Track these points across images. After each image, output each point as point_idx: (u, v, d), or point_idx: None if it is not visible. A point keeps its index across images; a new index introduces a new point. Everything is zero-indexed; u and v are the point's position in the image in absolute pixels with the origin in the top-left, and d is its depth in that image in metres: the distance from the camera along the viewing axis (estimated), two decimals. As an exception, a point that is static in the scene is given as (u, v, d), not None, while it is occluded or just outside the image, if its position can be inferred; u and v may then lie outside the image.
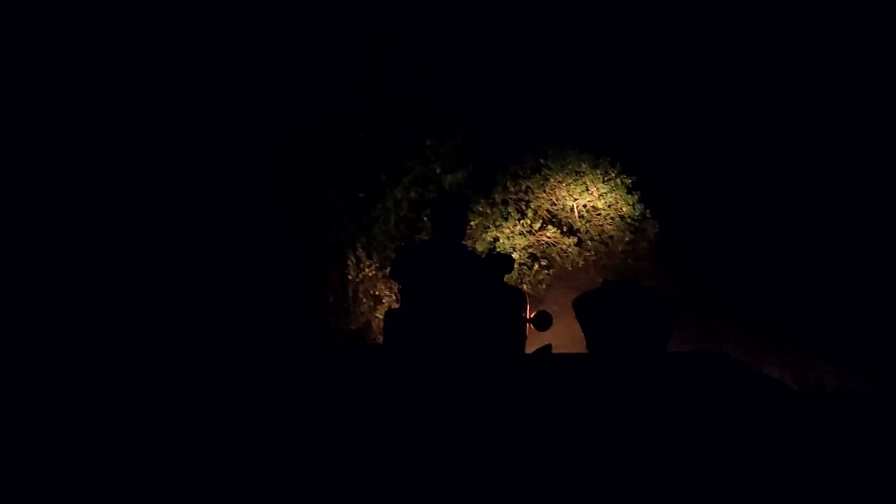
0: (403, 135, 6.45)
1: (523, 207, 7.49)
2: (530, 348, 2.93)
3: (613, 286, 1.61)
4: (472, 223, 6.87)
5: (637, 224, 7.18)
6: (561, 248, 7.31)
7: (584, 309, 1.56)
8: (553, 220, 7.54)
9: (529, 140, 7.51)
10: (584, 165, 7.21)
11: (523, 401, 2.12)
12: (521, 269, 7.04)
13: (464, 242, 2.92)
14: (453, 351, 2.47)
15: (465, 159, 6.75)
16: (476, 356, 2.50)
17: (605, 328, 1.47)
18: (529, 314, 3.01)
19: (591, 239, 7.42)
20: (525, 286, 6.99)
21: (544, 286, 7.23)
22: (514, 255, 6.87)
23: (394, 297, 6.35)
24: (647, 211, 7.12)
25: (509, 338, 2.83)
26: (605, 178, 7.16)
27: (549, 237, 7.29)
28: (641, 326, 1.43)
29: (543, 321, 2.94)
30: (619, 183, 7.08)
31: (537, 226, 7.37)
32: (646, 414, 1.37)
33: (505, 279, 3.03)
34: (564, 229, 7.46)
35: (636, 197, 7.08)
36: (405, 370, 2.47)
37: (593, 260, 7.44)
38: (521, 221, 7.28)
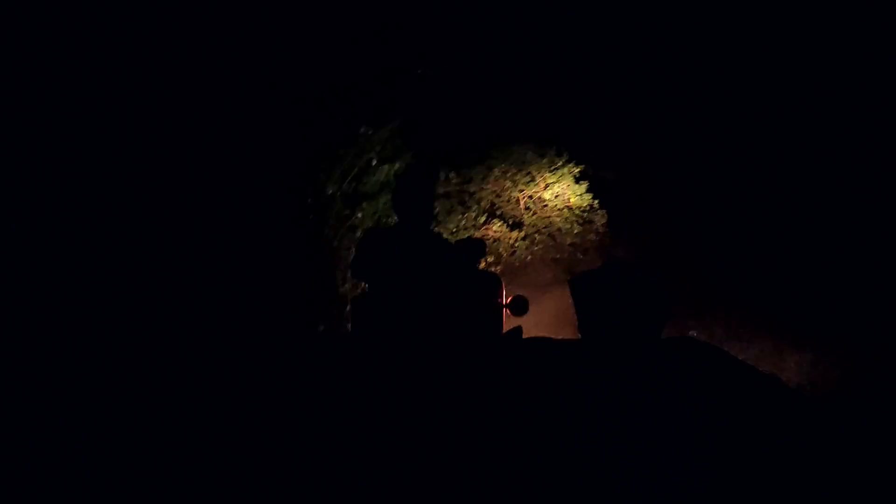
0: (335, 122, 5.78)
1: (466, 199, 7.03)
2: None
3: (613, 267, 1.55)
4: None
5: (585, 215, 6.85)
6: (508, 244, 6.91)
7: (581, 288, 1.50)
8: (498, 213, 7.12)
9: (471, 128, 7.04)
10: (529, 154, 6.81)
11: (504, 387, 2.03)
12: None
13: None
14: (430, 339, 2.37)
15: (404, 148, 6.16)
16: (452, 344, 2.41)
17: (600, 309, 1.43)
18: (505, 299, 2.94)
19: (539, 232, 7.06)
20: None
21: (491, 283, 6.81)
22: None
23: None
24: (596, 201, 6.80)
25: (486, 324, 2.78)
26: (552, 168, 6.79)
27: (495, 232, 6.86)
28: (638, 310, 1.40)
29: (520, 306, 2.86)
30: (567, 172, 6.73)
31: (482, 220, 6.94)
32: (639, 399, 1.34)
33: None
34: (510, 223, 7.06)
35: (584, 187, 6.74)
36: (378, 361, 2.35)
37: (541, 254, 7.08)
38: (465, 215, 6.82)
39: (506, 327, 2.91)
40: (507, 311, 2.93)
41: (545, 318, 5.61)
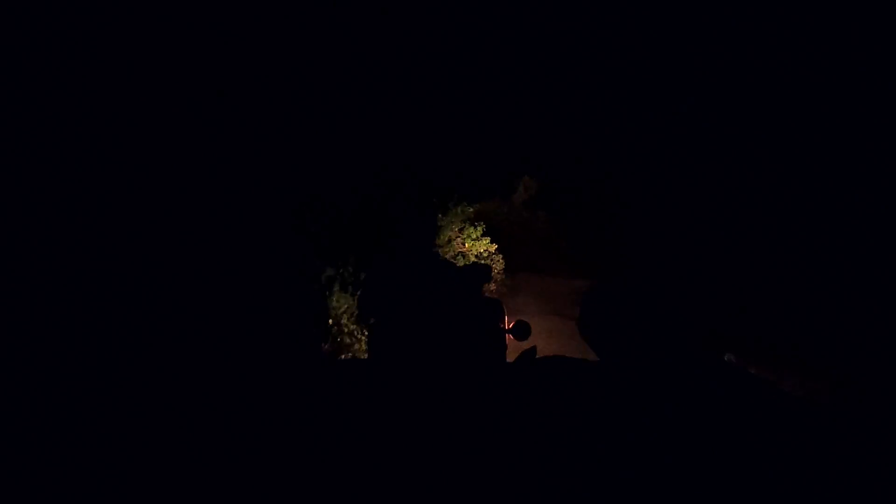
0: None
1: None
2: (510, 358, 2.85)
3: (627, 284, 1.39)
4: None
5: (484, 262, 5.87)
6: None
7: (594, 305, 1.41)
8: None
9: (345, 170, 5.73)
10: (413, 195, 5.68)
11: (510, 412, 1.83)
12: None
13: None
14: (433, 364, 2.43)
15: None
16: (456, 369, 2.45)
17: (614, 330, 1.36)
18: (508, 324, 2.95)
19: (428, 287, 5.89)
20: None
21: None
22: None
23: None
24: (494, 246, 5.86)
25: (488, 349, 2.80)
26: (441, 210, 5.73)
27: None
28: (658, 330, 1.33)
29: (522, 331, 2.87)
30: (459, 212, 5.72)
31: (361, 276, 5.57)
32: (657, 423, 1.24)
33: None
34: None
35: (480, 229, 5.78)
36: (387, 384, 2.45)
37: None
38: (341, 272, 5.40)
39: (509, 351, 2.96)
40: (510, 336, 2.94)
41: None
